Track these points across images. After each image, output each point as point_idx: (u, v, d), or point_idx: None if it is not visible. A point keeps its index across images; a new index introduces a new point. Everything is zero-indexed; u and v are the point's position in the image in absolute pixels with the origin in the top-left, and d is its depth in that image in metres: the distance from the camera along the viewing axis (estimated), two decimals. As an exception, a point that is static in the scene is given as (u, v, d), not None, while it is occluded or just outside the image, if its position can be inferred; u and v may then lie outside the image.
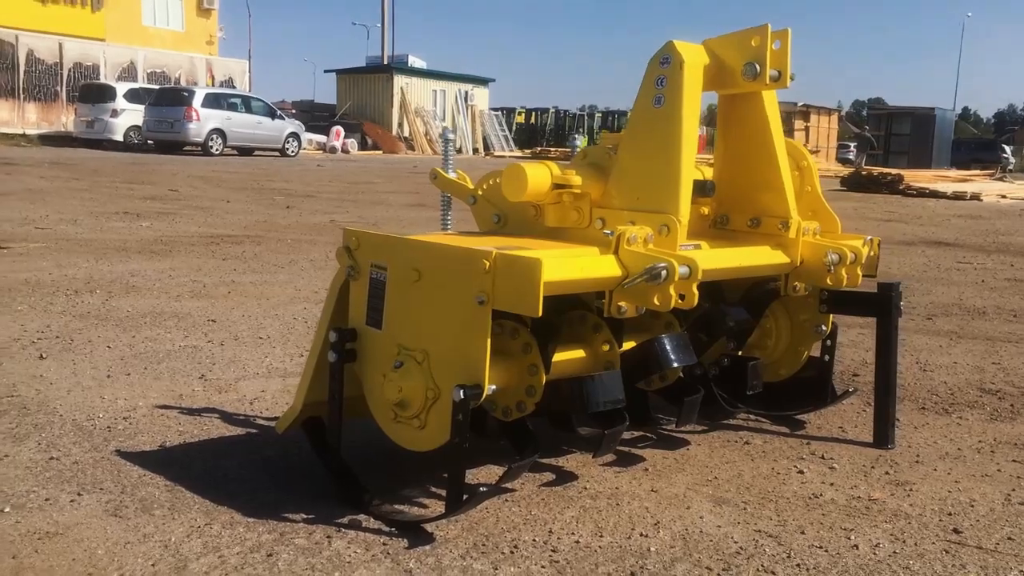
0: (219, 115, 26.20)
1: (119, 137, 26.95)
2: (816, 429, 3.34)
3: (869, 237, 2.97)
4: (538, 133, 46.68)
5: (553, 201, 2.68)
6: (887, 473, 2.92)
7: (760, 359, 3.13)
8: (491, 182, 2.91)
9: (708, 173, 2.95)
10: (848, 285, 2.91)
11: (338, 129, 33.36)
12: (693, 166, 2.59)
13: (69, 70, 30.72)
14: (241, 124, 26.78)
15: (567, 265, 2.27)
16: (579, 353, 2.71)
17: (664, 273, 2.28)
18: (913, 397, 3.82)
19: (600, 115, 48.48)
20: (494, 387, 2.30)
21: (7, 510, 2.36)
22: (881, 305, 3.11)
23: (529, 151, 36.89)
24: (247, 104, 27.81)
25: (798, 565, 2.26)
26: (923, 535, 2.47)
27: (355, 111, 38.18)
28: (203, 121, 25.66)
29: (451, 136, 3.08)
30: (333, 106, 40.55)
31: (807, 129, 47.69)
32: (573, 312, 2.69)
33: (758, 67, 2.57)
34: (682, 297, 2.36)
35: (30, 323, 4.53)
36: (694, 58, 2.58)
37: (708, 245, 2.83)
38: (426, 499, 2.56)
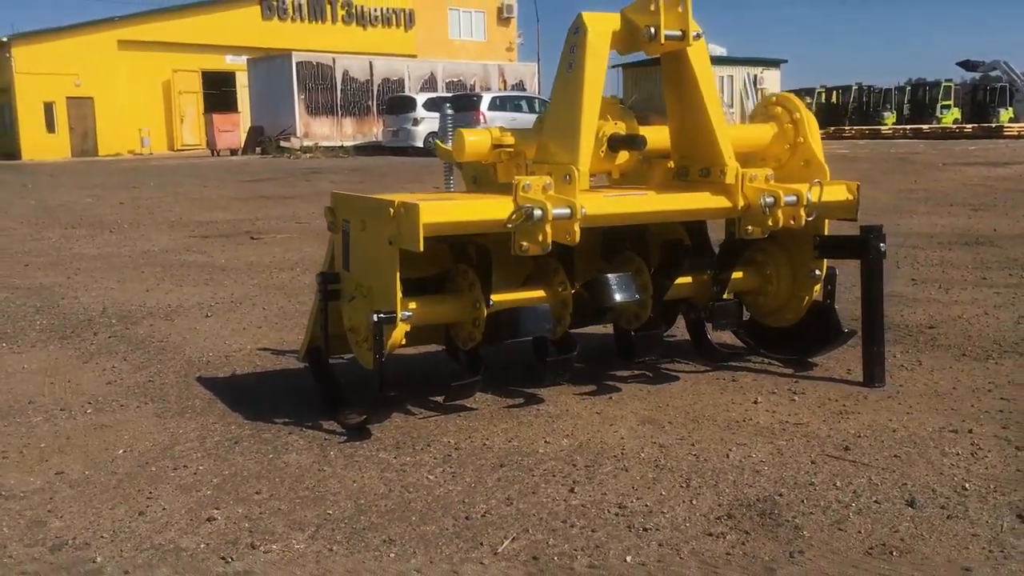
0: (504, 116, 27.79)
1: (419, 144, 29.40)
2: (823, 371, 3.46)
3: (816, 180, 3.08)
4: (840, 112, 44.45)
5: (497, 160, 3.10)
6: (843, 406, 3.04)
7: (732, 300, 3.35)
8: None
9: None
10: (792, 227, 3.06)
11: (621, 122, 34.12)
12: (595, 122, 2.90)
13: (378, 85, 33.91)
14: (525, 123, 28.06)
15: (449, 210, 2.70)
16: (540, 292, 3.13)
17: (538, 213, 2.65)
18: (967, 345, 3.76)
19: (910, 88, 45.24)
20: (408, 314, 2.79)
21: (89, 411, 3.19)
22: (861, 247, 3.21)
23: (822, 131, 35.39)
24: (531, 104, 29.30)
25: (658, 467, 2.54)
26: (806, 449, 2.64)
27: (640, 104, 38.73)
28: (489, 123, 27.37)
29: (449, 111, 3.57)
30: (621, 100, 41.40)
31: None
32: (539, 258, 3.09)
33: (653, 30, 2.84)
34: (568, 235, 2.71)
35: (221, 292, 5.54)
36: (599, 27, 2.89)
37: (655, 193, 3.11)
38: (403, 414, 3.08)
